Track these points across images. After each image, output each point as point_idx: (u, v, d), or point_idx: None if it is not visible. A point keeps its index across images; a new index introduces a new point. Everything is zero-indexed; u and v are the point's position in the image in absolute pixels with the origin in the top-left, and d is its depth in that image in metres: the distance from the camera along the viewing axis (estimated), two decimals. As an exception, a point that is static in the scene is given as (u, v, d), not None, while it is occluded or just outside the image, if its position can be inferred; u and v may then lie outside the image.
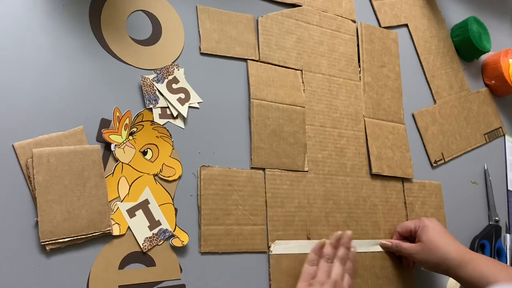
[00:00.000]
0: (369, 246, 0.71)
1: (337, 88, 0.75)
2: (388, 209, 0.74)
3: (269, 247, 0.62)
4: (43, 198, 0.49)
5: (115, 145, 0.55)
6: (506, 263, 0.83)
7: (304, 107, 0.70)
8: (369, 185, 0.74)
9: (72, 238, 0.50)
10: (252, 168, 0.64)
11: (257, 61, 0.69)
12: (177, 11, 0.65)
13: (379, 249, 0.71)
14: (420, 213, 0.78)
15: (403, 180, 0.78)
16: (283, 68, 0.70)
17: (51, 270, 0.49)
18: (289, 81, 0.70)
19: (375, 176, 0.75)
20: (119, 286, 0.52)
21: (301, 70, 0.72)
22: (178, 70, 0.62)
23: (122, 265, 0.53)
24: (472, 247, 0.81)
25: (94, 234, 0.51)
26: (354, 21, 0.81)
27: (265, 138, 0.66)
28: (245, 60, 0.68)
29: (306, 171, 0.68)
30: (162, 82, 0.61)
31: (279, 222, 0.64)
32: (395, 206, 0.75)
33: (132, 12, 0.62)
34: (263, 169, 0.65)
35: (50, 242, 0.49)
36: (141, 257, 0.54)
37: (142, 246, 0.54)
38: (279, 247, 0.62)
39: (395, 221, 0.75)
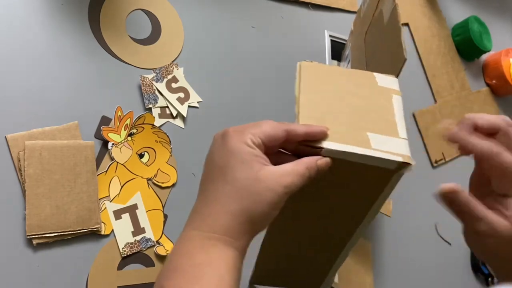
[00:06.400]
0: None
1: None
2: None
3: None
4: (32, 192, 0.49)
5: (113, 144, 0.55)
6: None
7: None
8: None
9: (60, 234, 0.49)
10: None
11: None
12: (176, 11, 0.64)
13: None
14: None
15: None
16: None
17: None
18: None
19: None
20: (118, 287, 0.52)
21: None
22: (178, 69, 0.62)
23: (120, 266, 0.52)
24: (473, 248, 0.81)
25: (82, 230, 0.50)
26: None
27: None
28: None
29: None
30: (162, 82, 0.60)
31: None
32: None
33: (132, 11, 0.61)
34: None
35: (37, 236, 0.48)
36: (140, 257, 0.54)
37: (121, 251, 0.52)
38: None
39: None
